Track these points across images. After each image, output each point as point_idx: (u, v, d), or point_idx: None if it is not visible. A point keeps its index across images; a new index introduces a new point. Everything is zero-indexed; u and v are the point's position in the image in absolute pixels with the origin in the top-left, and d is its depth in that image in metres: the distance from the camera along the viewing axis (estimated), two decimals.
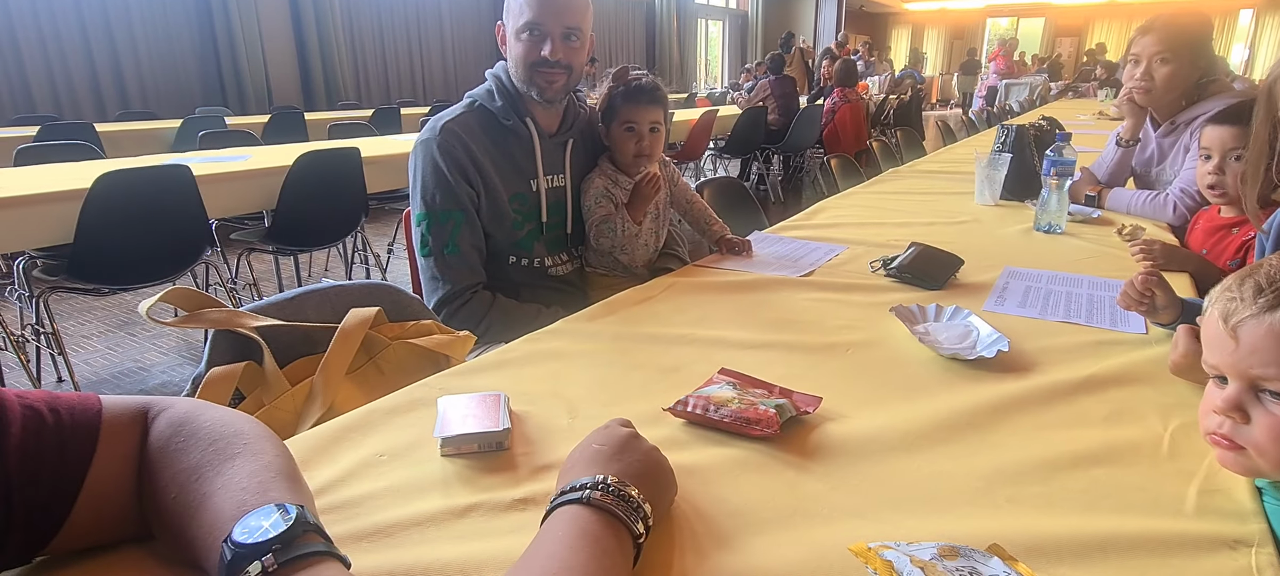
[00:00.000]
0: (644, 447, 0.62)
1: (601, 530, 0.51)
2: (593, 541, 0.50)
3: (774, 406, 0.76)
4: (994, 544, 0.56)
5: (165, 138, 4.88)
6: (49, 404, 0.51)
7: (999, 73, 11.56)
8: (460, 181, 1.32)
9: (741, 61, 13.37)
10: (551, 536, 0.51)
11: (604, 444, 0.61)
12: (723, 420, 0.76)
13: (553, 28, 1.31)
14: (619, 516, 0.53)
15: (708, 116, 5.59)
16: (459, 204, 1.32)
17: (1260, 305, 0.60)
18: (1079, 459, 0.72)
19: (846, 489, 0.67)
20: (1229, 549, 0.58)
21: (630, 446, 0.61)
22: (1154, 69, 1.84)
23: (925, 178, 2.58)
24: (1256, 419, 0.62)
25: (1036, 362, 0.95)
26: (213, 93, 6.82)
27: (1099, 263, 1.45)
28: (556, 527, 0.52)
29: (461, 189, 1.32)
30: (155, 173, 2.43)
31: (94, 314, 3.35)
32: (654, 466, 0.61)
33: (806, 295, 1.25)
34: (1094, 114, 5.43)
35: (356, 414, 0.82)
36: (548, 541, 0.51)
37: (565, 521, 0.52)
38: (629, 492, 0.55)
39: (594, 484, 0.54)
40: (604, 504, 0.53)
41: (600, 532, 0.51)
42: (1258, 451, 0.62)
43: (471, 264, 1.36)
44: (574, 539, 0.50)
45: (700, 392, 0.81)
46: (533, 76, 1.34)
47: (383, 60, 8.40)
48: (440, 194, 1.32)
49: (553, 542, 0.50)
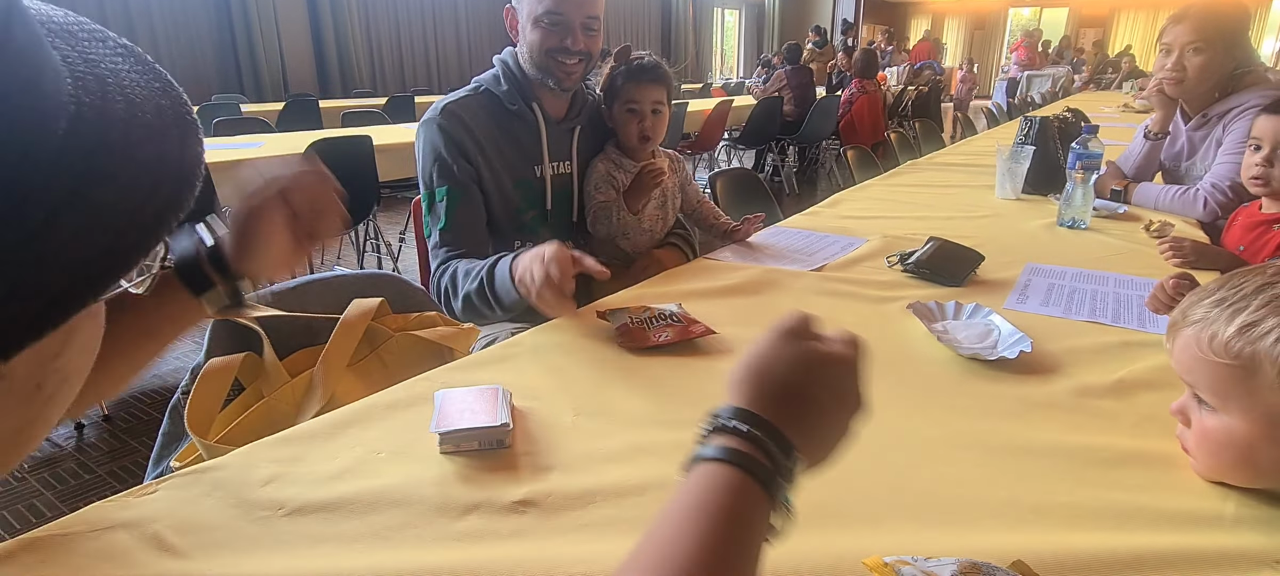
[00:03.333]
0: (840, 380, 0.49)
1: (762, 525, 0.42)
2: (753, 546, 0.41)
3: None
4: (1018, 560, 0.53)
5: None
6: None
7: (1020, 64, 11.35)
8: (458, 158, 1.30)
9: (758, 52, 13.24)
10: (708, 507, 0.41)
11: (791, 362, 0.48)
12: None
13: (574, 17, 1.29)
14: (783, 517, 0.43)
15: (723, 107, 5.53)
16: (454, 180, 1.30)
17: (1193, 318, 0.64)
18: (1108, 468, 0.68)
19: (860, 496, 0.64)
20: (1271, 567, 0.55)
21: (829, 374, 0.48)
22: (1187, 59, 1.76)
23: (944, 170, 2.52)
24: (1194, 426, 0.66)
25: (1061, 364, 0.91)
26: (229, 80, 6.86)
27: (1125, 260, 1.40)
28: (716, 495, 0.41)
29: (459, 166, 1.30)
30: None
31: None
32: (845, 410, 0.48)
33: (820, 290, 1.21)
34: (1119, 106, 5.30)
35: (355, 407, 0.79)
36: (701, 512, 0.41)
37: (728, 491, 0.41)
38: (791, 464, 0.44)
39: (789, 458, 0.43)
40: (784, 497, 0.43)
41: (760, 526, 0.41)
42: (1194, 457, 0.67)
43: (467, 238, 1.31)
44: (736, 531, 0.40)
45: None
46: (551, 65, 1.32)
47: (398, 48, 8.40)
48: (437, 171, 1.31)
49: (705, 518, 0.40)
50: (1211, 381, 0.63)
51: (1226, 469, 0.64)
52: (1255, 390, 0.59)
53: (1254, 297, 0.61)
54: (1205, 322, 0.63)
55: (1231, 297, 0.62)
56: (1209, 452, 0.65)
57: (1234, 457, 0.63)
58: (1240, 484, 0.64)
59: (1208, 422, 0.64)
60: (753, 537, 0.41)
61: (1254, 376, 0.59)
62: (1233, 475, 0.64)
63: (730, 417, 0.44)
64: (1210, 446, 0.65)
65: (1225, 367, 0.61)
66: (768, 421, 0.44)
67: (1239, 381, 0.60)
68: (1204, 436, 0.65)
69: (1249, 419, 0.61)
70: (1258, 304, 0.60)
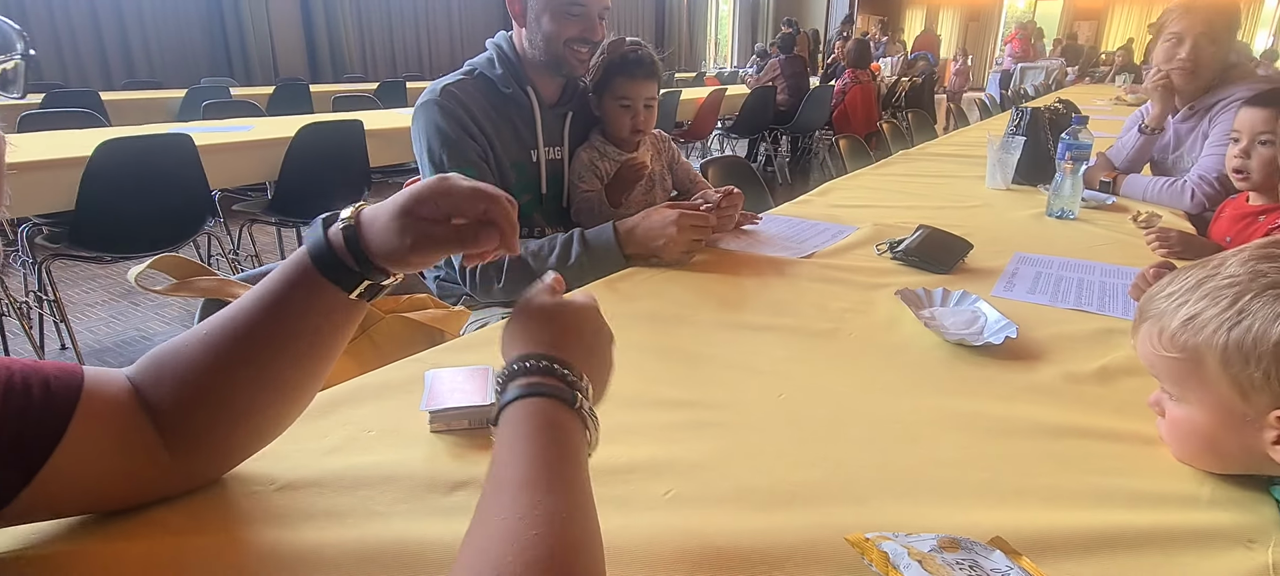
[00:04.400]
0: (604, 330, 0.58)
1: (578, 443, 0.47)
2: (576, 466, 0.45)
3: None
4: (997, 537, 0.54)
5: (170, 107, 4.86)
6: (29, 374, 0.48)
7: (1014, 56, 11.37)
8: (465, 138, 1.29)
9: (752, 41, 13.20)
10: (526, 451, 0.44)
11: (569, 314, 0.55)
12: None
13: (594, 6, 1.31)
14: (589, 430, 0.48)
15: (716, 95, 5.52)
16: (468, 160, 1.29)
17: (1148, 312, 0.65)
18: (1088, 451, 0.69)
19: (845, 476, 0.65)
20: (1245, 547, 0.56)
21: (594, 322, 0.57)
22: (1201, 50, 1.75)
23: (936, 160, 2.53)
24: (1166, 413, 0.67)
25: (1045, 350, 0.92)
26: (219, 63, 6.79)
27: (1113, 250, 1.41)
28: (529, 437, 0.45)
29: (468, 145, 1.29)
30: (157, 141, 2.41)
31: (98, 282, 3.35)
32: (606, 353, 0.57)
33: (810, 276, 1.22)
34: (1111, 99, 5.33)
35: (346, 387, 0.80)
36: (522, 458, 0.44)
37: (540, 427, 0.46)
38: (590, 397, 0.50)
39: (573, 378, 0.49)
40: (587, 413, 0.48)
41: (578, 448, 0.46)
42: (1167, 443, 0.68)
43: None
44: (556, 462, 0.44)
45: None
46: (567, 55, 1.32)
47: (389, 33, 8.33)
48: (448, 154, 1.29)
49: (527, 463, 0.43)
50: (1168, 374, 0.64)
51: (1195, 456, 0.66)
52: (1205, 381, 0.60)
53: (1195, 290, 0.61)
54: (1156, 317, 0.64)
55: (1179, 291, 0.63)
56: (1178, 441, 0.67)
57: (1199, 445, 0.65)
58: (1211, 470, 0.65)
59: (1174, 413, 0.66)
60: (573, 449, 0.45)
61: (1201, 368, 0.60)
62: (1202, 462, 0.65)
63: (515, 363, 0.50)
64: (1179, 435, 0.66)
65: (1177, 361, 0.62)
66: (543, 353, 0.49)
67: (1190, 374, 0.61)
68: (1173, 426, 0.66)
69: (1205, 409, 0.62)
70: (1197, 296, 0.61)
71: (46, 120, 3.43)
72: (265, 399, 0.56)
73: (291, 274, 0.54)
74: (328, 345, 0.57)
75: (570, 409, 0.48)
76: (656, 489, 0.62)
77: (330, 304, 0.54)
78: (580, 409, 0.48)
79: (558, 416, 0.47)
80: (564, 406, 0.48)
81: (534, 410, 0.47)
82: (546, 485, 0.41)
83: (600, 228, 1.26)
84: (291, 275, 0.54)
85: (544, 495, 0.40)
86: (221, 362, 0.53)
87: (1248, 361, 0.56)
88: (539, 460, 0.43)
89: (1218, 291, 0.59)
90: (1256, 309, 0.56)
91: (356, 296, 0.55)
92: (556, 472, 0.43)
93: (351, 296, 0.55)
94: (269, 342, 0.54)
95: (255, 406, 0.56)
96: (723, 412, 0.76)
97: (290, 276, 0.54)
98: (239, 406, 0.55)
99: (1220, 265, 0.61)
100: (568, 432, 0.46)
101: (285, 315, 0.54)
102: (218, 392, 0.53)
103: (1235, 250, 0.61)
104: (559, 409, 0.47)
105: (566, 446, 0.45)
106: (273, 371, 0.55)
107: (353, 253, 0.53)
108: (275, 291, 0.54)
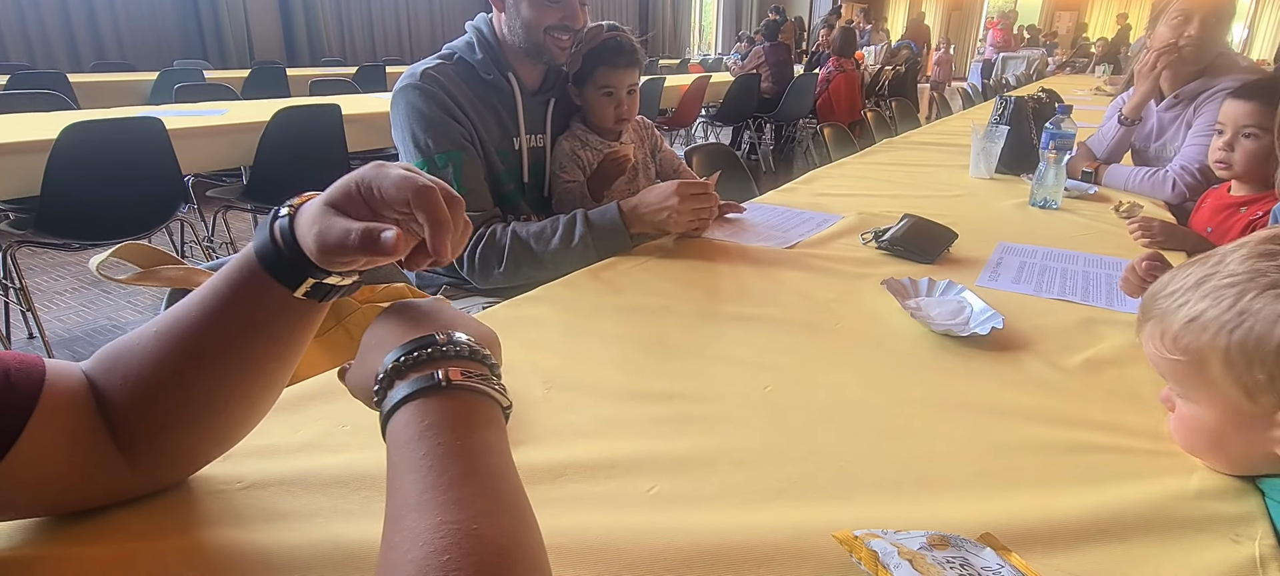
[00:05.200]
0: (450, 308, 0.52)
1: (475, 427, 0.40)
2: (473, 458, 0.38)
3: None
4: (986, 533, 0.53)
5: (141, 90, 4.74)
6: None
7: (995, 45, 11.44)
8: (449, 121, 1.25)
9: (736, 27, 13.15)
10: (413, 469, 0.37)
11: (402, 309, 0.50)
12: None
13: None
14: (489, 394, 0.42)
15: (700, 83, 5.49)
16: (455, 143, 1.25)
17: (1146, 314, 0.65)
18: (1075, 443, 0.69)
19: (832, 471, 0.64)
20: (1231, 540, 0.55)
21: (440, 307, 0.51)
22: (1207, 30, 1.71)
23: (920, 149, 2.53)
24: (1175, 410, 0.67)
25: (1031, 341, 0.92)
26: (192, 45, 6.63)
27: (1095, 239, 1.41)
28: (412, 450, 0.38)
29: (453, 128, 1.25)
30: (125, 125, 2.34)
31: (67, 269, 3.27)
32: (471, 321, 0.50)
33: (795, 266, 1.21)
34: (1091, 89, 5.38)
35: (318, 381, 0.77)
36: (410, 479, 0.37)
37: (419, 435, 0.39)
38: (476, 346, 0.44)
39: (432, 343, 0.42)
40: (463, 382, 0.41)
41: (477, 436, 0.39)
42: (1176, 440, 0.67)
43: (483, 199, 1.29)
44: (448, 462, 0.37)
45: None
46: (546, 42, 1.29)
47: (368, 15, 8.19)
48: (433, 138, 1.24)
49: (418, 482, 0.36)
50: (1173, 375, 0.64)
51: (1203, 453, 0.65)
52: (1211, 382, 0.59)
53: (1195, 290, 0.60)
54: (1158, 317, 0.63)
55: (1180, 289, 0.61)
56: (1186, 438, 0.66)
57: (1207, 443, 0.64)
58: (1219, 469, 0.64)
59: (1182, 410, 0.65)
60: (503, 454, 0.40)
61: (1206, 369, 0.59)
62: (1210, 460, 0.65)
63: (392, 365, 0.43)
64: (1187, 432, 0.66)
65: (1181, 363, 0.61)
66: (417, 339, 0.43)
67: (1195, 375, 0.60)
68: (1181, 423, 0.66)
69: (1212, 408, 0.61)
70: (1198, 296, 0.59)
71: (10, 102, 3.32)
72: (217, 404, 0.52)
73: (238, 269, 0.49)
74: (282, 347, 0.52)
75: (500, 409, 0.43)
76: (640, 485, 0.61)
77: (275, 303, 0.49)
78: (507, 410, 0.43)
79: (473, 407, 0.41)
80: (494, 405, 0.42)
81: (436, 409, 0.40)
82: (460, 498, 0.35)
83: (604, 207, 1.25)
84: (238, 271, 0.49)
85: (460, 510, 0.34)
86: (174, 363, 0.49)
87: (1251, 364, 0.55)
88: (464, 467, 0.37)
89: (1218, 291, 0.58)
90: (1257, 309, 0.55)
91: (303, 296, 0.49)
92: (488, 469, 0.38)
93: (297, 295, 0.49)
94: (216, 344, 0.50)
95: (211, 409, 0.52)
96: (707, 406, 0.74)
97: (237, 272, 0.49)
98: (191, 411, 0.51)
99: (1220, 262, 0.60)
100: (489, 418, 0.41)
101: (235, 313, 0.49)
102: (169, 396, 0.50)
103: (1236, 245, 0.60)
104: (489, 410, 0.42)
105: (490, 440, 0.40)
106: (222, 375, 0.51)
107: (288, 246, 0.48)
108: (223, 289, 0.49)
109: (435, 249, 0.46)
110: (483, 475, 0.37)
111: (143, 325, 0.51)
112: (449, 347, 0.43)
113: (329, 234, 0.45)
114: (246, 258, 0.49)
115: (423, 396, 0.40)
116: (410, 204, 0.45)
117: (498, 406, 0.43)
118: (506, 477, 0.39)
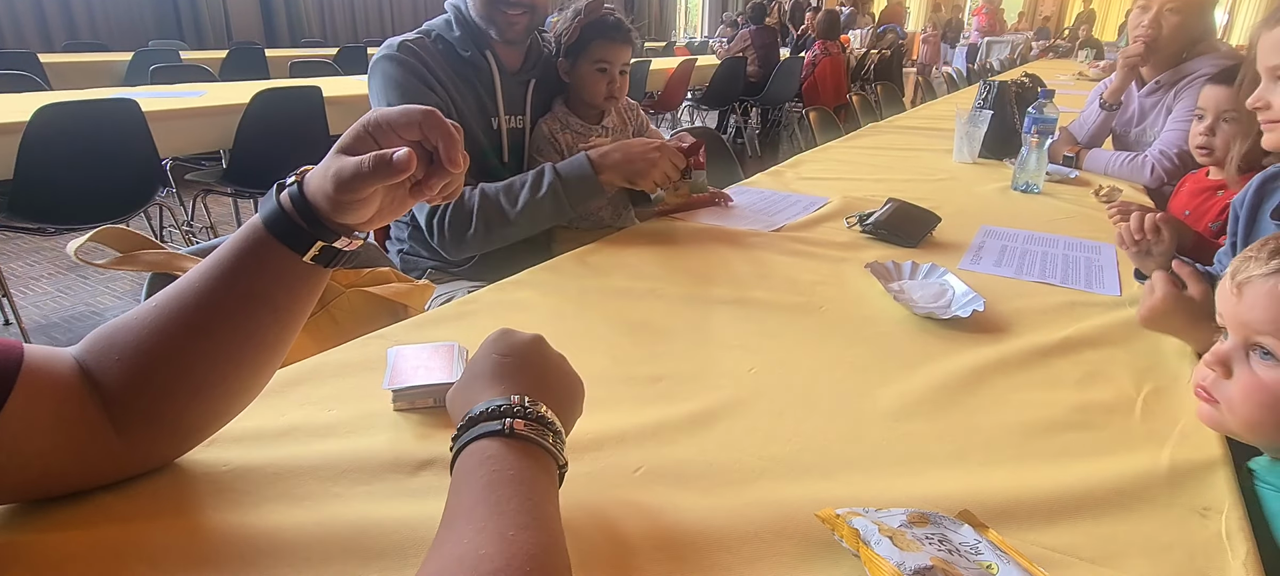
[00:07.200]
0: (552, 355, 0.55)
1: (526, 466, 0.44)
2: (520, 484, 0.43)
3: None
4: (964, 510, 0.54)
5: (116, 71, 4.64)
6: None
7: (980, 30, 11.48)
8: (425, 89, 1.23)
9: (722, 11, 13.07)
10: (470, 487, 0.43)
11: (508, 354, 0.52)
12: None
13: None
14: (544, 447, 0.46)
15: (686, 66, 5.47)
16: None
17: (1271, 267, 0.61)
18: (1052, 423, 0.70)
19: (815, 450, 0.65)
20: (1200, 515, 0.57)
21: (538, 353, 0.53)
22: (1163, 18, 1.77)
23: (904, 133, 2.54)
24: (1238, 376, 0.63)
25: (1011, 323, 0.94)
26: (168, 25, 6.48)
27: (1075, 223, 1.44)
28: (473, 474, 0.43)
29: (428, 97, 1.23)
30: (100, 106, 2.30)
31: (43, 254, 3.21)
32: (566, 377, 0.54)
33: (780, 250, 1.21)
34: (1074, 74, 5.42)
35: (305, 365, 0.77)
36: (466, 494, 0.42)
37: (481, 462, 0.44)
38: (545, 414, 0.47)
39: (507, 408, 0.46)
40: (524, 433, 0.45)
41: (526, 470, 0.44)
42: (1228, 407, 0.64)
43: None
44: (499, 485, 0.42)
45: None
46: (493, 15, 1.26)
47: None
48: (408, 104, 1.24)
49: (471, 496, 0.42)
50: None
51: (1274, 426, 0.61)
52: None
53: None
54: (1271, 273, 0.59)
55: None
56: (1259, 404, 0.61)
57: None
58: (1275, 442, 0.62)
59: (1266, 376, 0.60)
60: (548, 492, 0.44)
61: None
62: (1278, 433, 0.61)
63: (475, 415, 0.47)
64: (1263, 398, 0.60)
65: None
66: (499, 405, 0.47)
67: None
68: (1257, 388, 0.61)
69: None
70: None
71: None
72: (220, 374, 0.53)
73: (244, 239, 0.52)
74: (285, 316, 0.54)
75: (555, 464, 0.47)
76: (626, 465, 0.61)
77: (283, 268, 0.52)
78: (562, 468, 0.48)
79: (541, 472, 0.46)
80: (548, 458, 0.47)
81: (504, 456, 0.45)
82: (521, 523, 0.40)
83: (573, 158, 1.24)
84: (244, 240, 0.52)
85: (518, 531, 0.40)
86: (173, 336, 0.51)
87: None
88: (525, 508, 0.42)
89: None
90: None
91: (311, 259, 0.53)
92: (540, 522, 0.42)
93: (305, 259, 0.52)
94: (222, 313, 0.51)
95: (209, 382, 0.53)
96: (693, 387, 0.75)
97: (242, 242, 0.52)
98: (193, 382, 0.52)
99: None
100: (545, 478, 0.46)
101: (238, 282, 0.51)
102: (170, 368, 0.51)
103: None
104: (542, 461, 0.46)
105: (545, 497, 0.44)
106: (227, 344, 0.52)
107: (299, 209, 0.51)
108: (228, 258, 0.51)
109: (449, 158, 0.52)
110: (525, 497, 0.42)
111: (136, 307, 0.52)
112: (520, 409, 0.47)
113: (344, 170, 0.49)
114: (252, 227, 0.52)
115: (489, 437, 0.45)
116: (419, 127, 0.51)
117: (553, 460, 0.47)
118: (546, 506, 0.43)
